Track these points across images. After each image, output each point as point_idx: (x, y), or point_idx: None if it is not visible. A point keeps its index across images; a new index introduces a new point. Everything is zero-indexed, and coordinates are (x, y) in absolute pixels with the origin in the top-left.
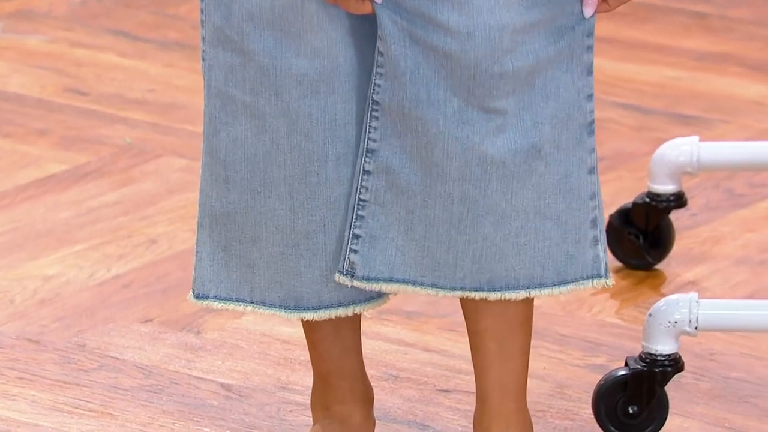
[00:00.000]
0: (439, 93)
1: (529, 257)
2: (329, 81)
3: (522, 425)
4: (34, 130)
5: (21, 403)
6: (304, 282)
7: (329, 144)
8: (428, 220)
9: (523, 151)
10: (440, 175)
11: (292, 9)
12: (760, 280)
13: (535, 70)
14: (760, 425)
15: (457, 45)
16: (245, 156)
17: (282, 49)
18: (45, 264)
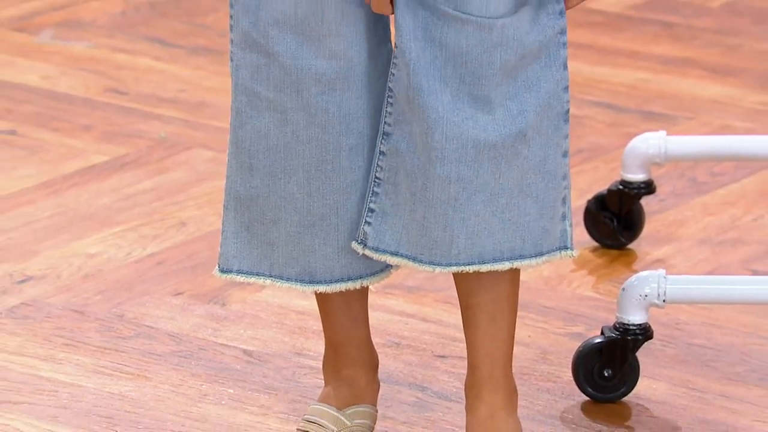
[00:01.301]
0: (435, 83)
1: (512, 231)
2: (345, 79)
3: (508, 389)
4: (79, 126)
5: (67, 366)
6: (318, 259)
7: (343, 136)
8: (427, 202)
9: (511, 135)
10: (439, 158)
11: (313, 16)
12: (719, 259)
13: (519, 64)
14: (719, 386)
15: (453, 34)
16: (268, 146)
17: (303, 51)
18: (88, 243)
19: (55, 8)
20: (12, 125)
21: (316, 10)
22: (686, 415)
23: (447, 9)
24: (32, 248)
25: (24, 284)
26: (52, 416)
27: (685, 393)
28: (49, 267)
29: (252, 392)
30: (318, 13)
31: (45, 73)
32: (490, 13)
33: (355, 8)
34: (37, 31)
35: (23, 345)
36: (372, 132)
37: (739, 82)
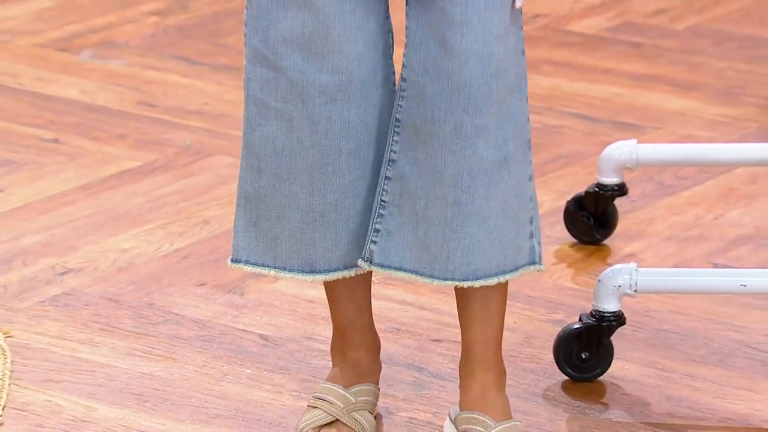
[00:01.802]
0: (441, 113)
1: (498, 250)
2: (345, 91)
3: (498, 369)
4: (114, 135)
5: (103, 349)
6: (318, 251)
7: (343, 141)
8: (428, 221)
9: (498, 162)
10: (438, 181)
11: (318, 35)
12: (684, 253)
13: (505, 94)
14: (684, 367)
15: (457, 65)
16: (275, 150)
17: (308, 66)
18: (122, 240)
19: (93, 31)
20: (55, 134)
21: (321, 30)
22: (655, 393)
23: (454, 41)
24: (72, 244)
25: (65, 276)
26: (90, 393)
27: (654, 373)
28: (87, 260)
29: (267, 372)
30: (323, 33)
31: (84, 88)
32: (490, 42)
33: (356, 28)
34: (78, 51)
35: (64, 330)
36: (368, 138)
37: (701, 96)
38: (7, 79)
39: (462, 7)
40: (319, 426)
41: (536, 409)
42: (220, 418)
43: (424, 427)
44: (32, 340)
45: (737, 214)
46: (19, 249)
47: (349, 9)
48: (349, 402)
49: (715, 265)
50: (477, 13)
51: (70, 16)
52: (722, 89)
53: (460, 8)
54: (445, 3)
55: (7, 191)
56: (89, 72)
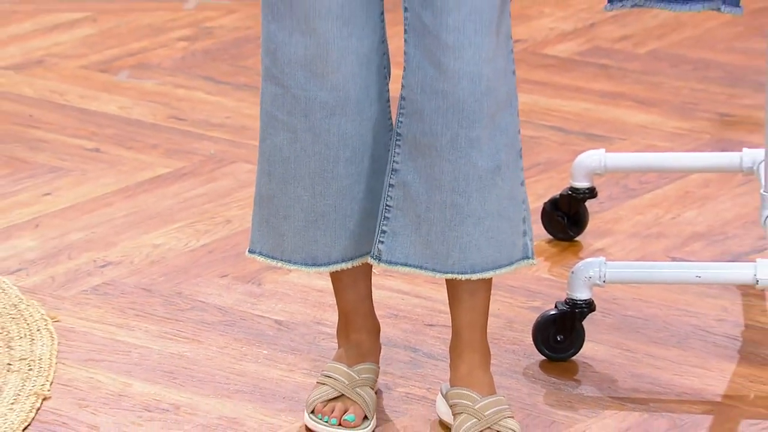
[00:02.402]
0: (438, 127)
1: (494, 247)
2: (343, 107)
3: (484, 351)
4: (148, 145)
5: (137, 332)
6: (319, 247)
7: (341, 150)
8: (429, 222)
9: (491, 169)
10: (437, 187)
11: (319, 57)
12: (646, 248)
13: (496, 110)
14: (646, 348)
15: (451, 85)
16: (281, 157)
17: (310, 84)
18: (154, 236)
19: (130, 54)
20: (96, 144)
21: (321, 53)
22: (621, 371)
23: (447, 64)
24: (111, 240)
25: (104, 268)
26: (126, 371)
27: (620, 353)
28: (124, 255)
29: (282, 353)
30: (323, 55)
31: (122, 104)
32: (479, 63)
33: (352, 52)
34: (117, 72)
35: (104, 315)
36: (363, 147)
37: (660, 111)
38: (56, 97)
39: (454, 35)
40: (327, 400)
41: (517, 385)
42: (240, 393)
43: (419, 401)
44: (76, 325)
45: (692, 214)
46: (65, 245)
47: (346, 35)
48: (353, 379)
49: (673, 258)
50: (468, 39)
51: (110, 41)
52: (679, 105)
53: (453, 35)
54: (439, 31)
55: (54, 194)
56: (126, 90)
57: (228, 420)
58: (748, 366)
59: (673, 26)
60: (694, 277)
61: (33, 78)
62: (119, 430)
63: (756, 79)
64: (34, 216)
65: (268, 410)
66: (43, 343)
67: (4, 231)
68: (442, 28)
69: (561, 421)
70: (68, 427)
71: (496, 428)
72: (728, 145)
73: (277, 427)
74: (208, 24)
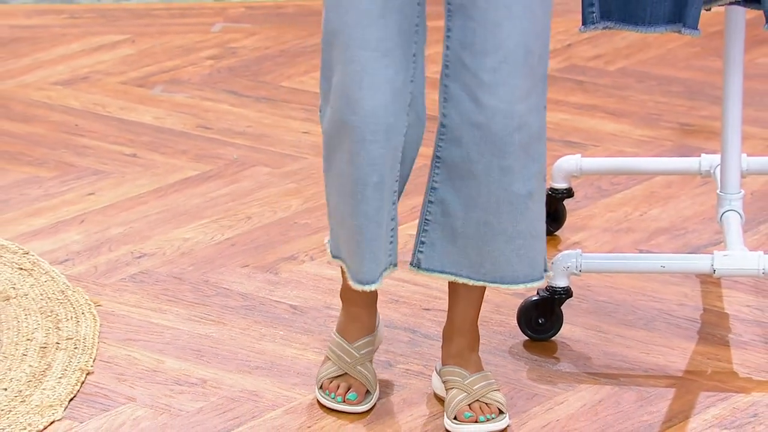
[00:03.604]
0: (474, 155)
1: (526, 263)
2: (374, 133)
3: (473, 335)
4: (178, 150)
5: (169, 315)
6: (355, 263)
7: (368, 175)
8: (465, 236)
9: (524, 195)
10: (472, 207)
11: (355, 84)
12: (617, 242)
13: (529, 142)
14: (617, 329)
15: (486, 119)
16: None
17: (346, 109)
18: (184, 231)
19: (163, 71)
20: (133, 150)
21: (357, 80)
22: (595, 349)
23: (484, 100)
24: (146, 234)
25: (140, 259)
26: (159, 350)
27: (594, 334)
28: (157, 247)
29: (296, 334)
30: (358, 82)
31: (156, 115)
32: (513, 101)
33: (387, 82)
34: (152, 87)
35: (140, 301)
36: (389, 174)
37: (629, 121)
38: (99, 108)
39: (490, 74)
40: (332, 377)
41: (503, 362)
42: (259, 369)
43: (417, 376)
44: (115, 309)
45: (657, 212)
46: (106, 238)
47: (383, 66)
48: (354, 357)
49: (641, 251)
50: (503, 79)
51: (146, 60)
52: (645, 116)
53: (489, 75)
54: (477, 70)
55: (97, 194)
56: (160, 102)
57: (248, 393)
58: (706, 345)
59: (639, 46)
60: (658, 267)
61: (79, 92)
62: (153, 401)
63: (712, 93)
64: (79, 213)
65: (284, 384)
66: (87, 324)
67: (53, 226)
68: (480, 68)
69: (542, 394)
70: (108, 398)
71: (484, 401)
72: (688, 151)
73: (292, 399)
74: (232, 44)
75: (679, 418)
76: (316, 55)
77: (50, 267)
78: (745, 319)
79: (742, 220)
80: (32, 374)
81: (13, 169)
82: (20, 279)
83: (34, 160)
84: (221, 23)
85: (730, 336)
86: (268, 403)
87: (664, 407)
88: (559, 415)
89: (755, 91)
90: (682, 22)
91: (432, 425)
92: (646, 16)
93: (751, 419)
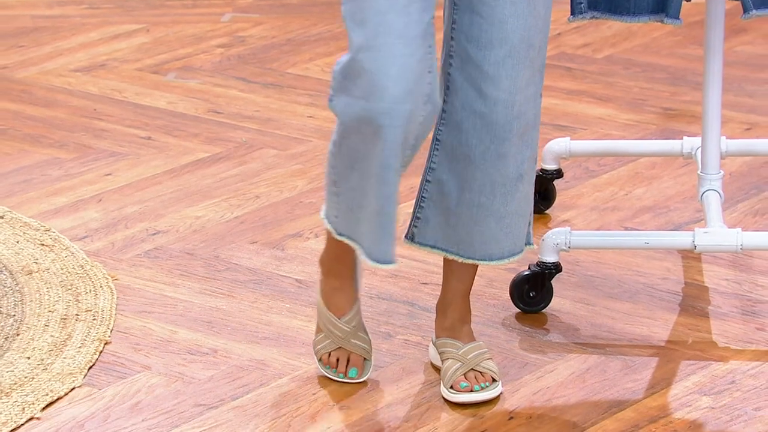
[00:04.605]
0: (473, 140)
1: (511, 240)
2: (399, 117)
3: (464, 309)
4: (191, 133)
5: (182, 289)
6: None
7: (391, 159)
8: (457, 215)
9: (515, 178)
10: (467, 188)
11: (381, 70)
12: (603, 220)
13: (525, 130)
14: (604, 302)
15: (488, 108)
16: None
17: (373, 96)
18: (196, 210)
19: (177, 59)
20: (148, 133)
21: (383, 67)
22: (582, 320)
23: (487, 91)
24: (161, 212)
25: (155, 236)
26: (172, 321)
27: (582, 306)
28: (171, 225)
29: (301, 306)
30: (385, 70)
31: (170, 100)
32: (514, 92)
33: (411, 69)
34: (166, 73)
35: (154, 275)
36: (401, 154)
37: (615, 106)
38: (116, 94)
39: (494, 67)
40: (329, 351)
41: (496, 333)
42: (266, 340)
43: (415, 346)
44: (131, 282)
45: (641, 191)
46: (123, 216)
47: (408, 53)
48: (345, 331)
49: (626, 228)
50: (505, 72)
51: (161, 48)
52: (630, 101)
53: (493, 68)
54: (481, 62)
55: (114, 174)
56: (173, 88)
57: (257, 362)
58: (687, 316)
59: (625, 35)
60: (643, 243)
61: (97, 78)
62: (167, 369)
63: (694, 79)
64: (97, 192)
65: (290, 354)
66: (104, 297)
67: (73, 205)
68: (485, 61)
69: (533, 363)
70: (125, 366)
71: (478, 369)
72: (671, 134)
73: (297, 368)
74: (241, 33)
75: (662, 385)
76: (321, 44)
77: (70, 243)
78: (724, 292)
79: (722, 199)
80: (54, 344)
81: (35, 151)
82: (42, 254)
83: (54, 142)
84: (230, 13)
85: (710, 308)
86: (275, 371)
87: (647, 375)
88: (549, 383)
89: (734, 77)
90: (664, 12)
91: (430, 392)
92: (631, 6)
93: (729, 386)
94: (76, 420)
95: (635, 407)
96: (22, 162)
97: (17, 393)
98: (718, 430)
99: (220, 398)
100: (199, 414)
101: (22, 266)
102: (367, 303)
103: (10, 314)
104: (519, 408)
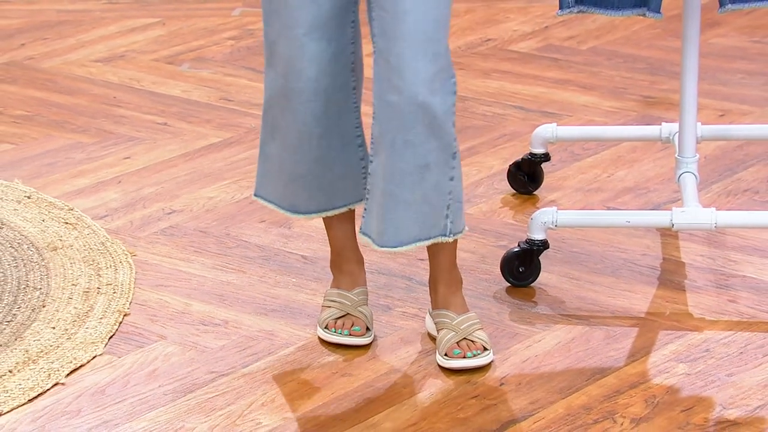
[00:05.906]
0: (384, 129)
1: (418, 227)
2: (315, 94)
3: (453, 281)
4: (203, 120)
5: (195, 264)
6: (300, 200)
7: (314, 128)
8: (378, 205)
9: (420, 166)
10: (381, 178)
11: (296, 56)
12: (588, 200)
13: (433, 121)
14: (588, 276)
15: (395, 98)
16: (277, 126)
17: (291, 76)
18: (209, 191)
19: (190, 50)
20: (164, 119)
21: (298, 53)
22: (568, 294)
23: (393, 81)
24: (176, 193)
25: (171, 215)
26: (187, 294)
27: (567, 280)
28: (185, 204)
29: (307, 281)
30: (300, 55)
31: (184, 89)
32: (417, 83)
33: (323, 51)
34: (180, 63)
35: (170, 251)
36: (332, 125)
37: (598, 95)
38: (134, 83)
39: (397, 59)
40: (336, 318)
41: (488, 306)
42: (274, 312)
43: (412, 318)
44: (149, 258)
45: (623, 173)
46: (140, 196)
47: (317, 38)
48: (353, 300)
49: (609, 208)
50: (407, 64)
51: (176, 40)
52: (612, 90)
53: (395, 59)
54: (388, 54)
55: (132, 158)
56: (187, 78)
57: (265, 332)
58: (665, 290)
59: (608, 28)
60: (624, 222)
61: (116, 68)
62: (182, 339)
63: (672, 69)
64: (117, 174)
65: (296, 325)
66: (124, 272)
67: (94, 186)
68: (390, 54)
69: (522, 333)
70: (143, 336)
71: (470, 338)
72: (650, 120)
73: (303, 338)
74: (250, 27)
75: (642, 354)
76: None
77: (92, 222)
78: (700, 267)
79: (697, 181)
80: (77, 315)
81: (59, 135)
82: (66, 232)
83: (77, 128)
84: (241, 8)
85: (686, 282)
86: (283, 341)
87: (628, 344)
88: (537, 352)
89: (709, 67)
90: (646, 7)
91: (426, 360)
92: (615, 1)
93: (704, 353)
94: (97, 385)
95: (617, 374)
96: (47, 146)
97: (43, 360)
98: (694, 394)
99: (231, 366)
100: (212, 380)
101: (47, 243)
102: (367, 278)
103: (36, 287)
104: (509, 375)
